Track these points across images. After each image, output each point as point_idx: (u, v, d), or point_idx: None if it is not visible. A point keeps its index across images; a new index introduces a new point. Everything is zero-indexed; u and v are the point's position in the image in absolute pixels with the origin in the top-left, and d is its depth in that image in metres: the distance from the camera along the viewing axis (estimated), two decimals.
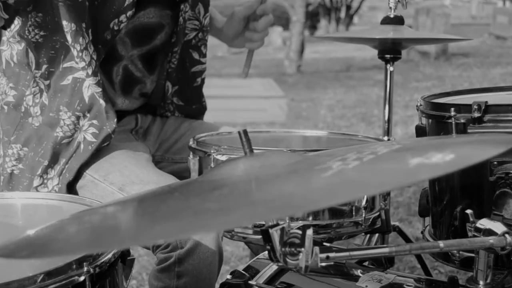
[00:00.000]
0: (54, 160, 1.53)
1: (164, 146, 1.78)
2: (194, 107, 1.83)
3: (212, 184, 0.84)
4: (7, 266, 0.95)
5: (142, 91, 1.72)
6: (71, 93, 1.51)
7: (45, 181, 1.53)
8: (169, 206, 0.79)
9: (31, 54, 1.53)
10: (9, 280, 0.81)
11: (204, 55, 1.79)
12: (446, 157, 0.72)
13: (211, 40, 1.85)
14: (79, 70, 1.49)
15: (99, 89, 1.50)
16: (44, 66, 1.52)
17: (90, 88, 1.50)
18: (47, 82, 1.53)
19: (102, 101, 1.51)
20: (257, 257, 1.30)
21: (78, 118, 1.52)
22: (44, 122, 1.53)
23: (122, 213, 0.84)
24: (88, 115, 1.52)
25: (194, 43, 1.75)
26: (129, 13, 1.50)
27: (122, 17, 1.50)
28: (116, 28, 1.50)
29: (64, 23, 1.45)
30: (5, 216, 1.20)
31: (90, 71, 1.49)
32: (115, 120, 1.54)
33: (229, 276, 1.19)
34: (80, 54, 1.47)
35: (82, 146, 1.53)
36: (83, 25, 1.46)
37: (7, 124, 1.58)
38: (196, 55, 1.77)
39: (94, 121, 1.52)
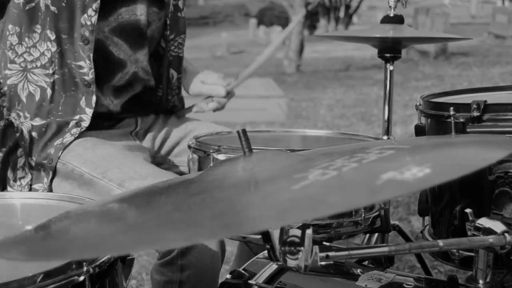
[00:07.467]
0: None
1: (166, 147, 1.78)
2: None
3: (199, 187, 0.84)
4: (7, 266, 0.95)
5: (150, 98, 1.74)
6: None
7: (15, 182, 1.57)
8: (143, 212, 0.80)
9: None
10: (9, 280, 0.81)
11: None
12: (420, 172, 0.70)
13: (210, 40, 1.86)
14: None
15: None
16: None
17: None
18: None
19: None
20: (256, 256, 1.30)
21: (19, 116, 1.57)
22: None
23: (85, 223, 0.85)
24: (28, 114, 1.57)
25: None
26: (95, 5, 1.51)
27: (90, 11, 1.52)
28: (88, 23, 1.52)
29: (10, 27, 1.52)
30: (4, 216, 1.20)
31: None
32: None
33: (228, 276, 1.19)
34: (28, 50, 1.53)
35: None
36: (37, 26, 1.51)
37: None
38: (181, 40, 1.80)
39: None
